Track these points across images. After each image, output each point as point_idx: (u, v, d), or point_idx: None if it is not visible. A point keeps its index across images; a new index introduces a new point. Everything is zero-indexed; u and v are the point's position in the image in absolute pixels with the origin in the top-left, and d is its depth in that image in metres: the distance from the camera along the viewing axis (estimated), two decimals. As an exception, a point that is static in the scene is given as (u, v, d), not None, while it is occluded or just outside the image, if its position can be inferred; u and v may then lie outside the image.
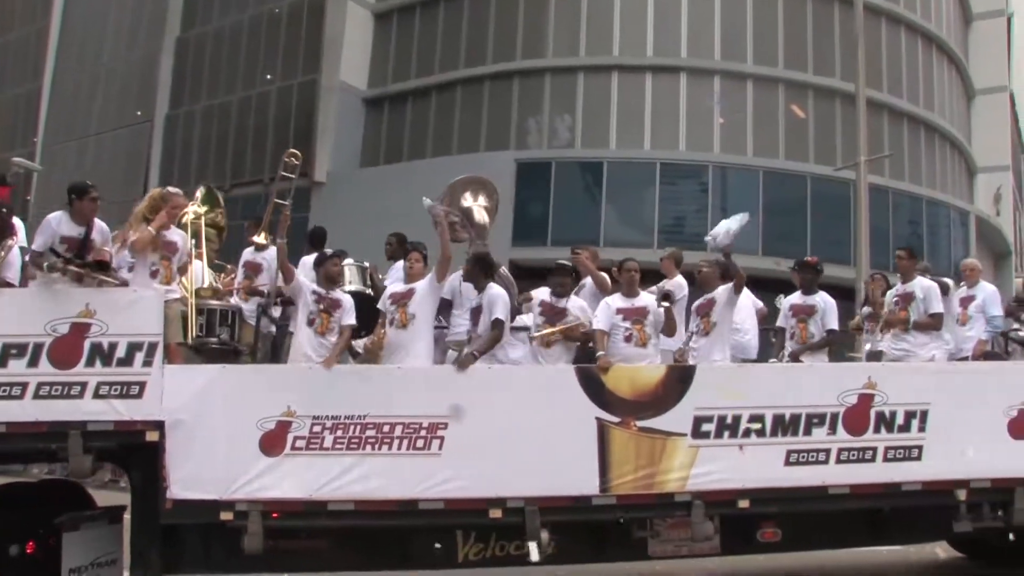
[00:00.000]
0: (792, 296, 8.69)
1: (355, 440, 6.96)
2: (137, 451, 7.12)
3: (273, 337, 8.65)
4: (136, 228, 7.45)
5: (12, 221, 7.95)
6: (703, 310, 8.35)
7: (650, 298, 7.96)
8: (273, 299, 8.33)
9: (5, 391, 6.77)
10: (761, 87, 30.60)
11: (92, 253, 7.04)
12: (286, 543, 7.30)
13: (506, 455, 7.10)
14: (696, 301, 8.52)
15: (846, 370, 8.06)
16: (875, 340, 8.65)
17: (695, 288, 8.80)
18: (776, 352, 8.62)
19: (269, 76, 34.61)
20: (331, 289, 7.70)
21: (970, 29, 38.44)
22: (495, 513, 7.03)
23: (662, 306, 7.95)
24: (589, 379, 7.30)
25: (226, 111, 35.41)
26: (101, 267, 6.91)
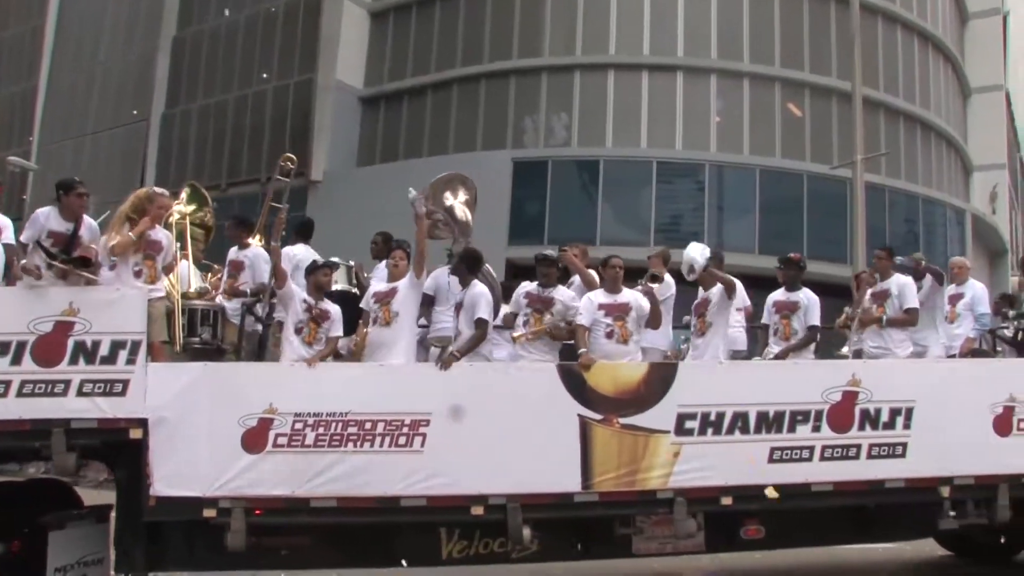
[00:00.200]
0: (775, 293, 8.67)
1: (337, 437, 6.97)
2: (122, 449, 7.14)
3: (259, 336, 8.63)
4: (118, 229, 7.45)
5: None
6: (699, 310, 8.38)
7: (633, 294, 7.93)
8: (259, 297, 8.29)
9: (-11, 389, 6.76)
10: (757, 86, 30.53)
11: (79, 250, 7.06)
12: (270, 540, 7.31)
13: (488, 452, 7.12)
14: (695, 301, 8.55)
15: (831, 367, 8.05)
16: (861, 338, 8.63)
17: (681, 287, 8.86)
18: (760, 349, 8.60)
19: (265, 75, 34.58)
20: (320, 299, 7.69)
21: (966, 28, 38.44)
22: (477, 510, 7.05)
23: (649, 286, 7.95)
24: (571, 376, 7.31)
25: (222, 110, 35.36)
26: (84, 264, 6.92)
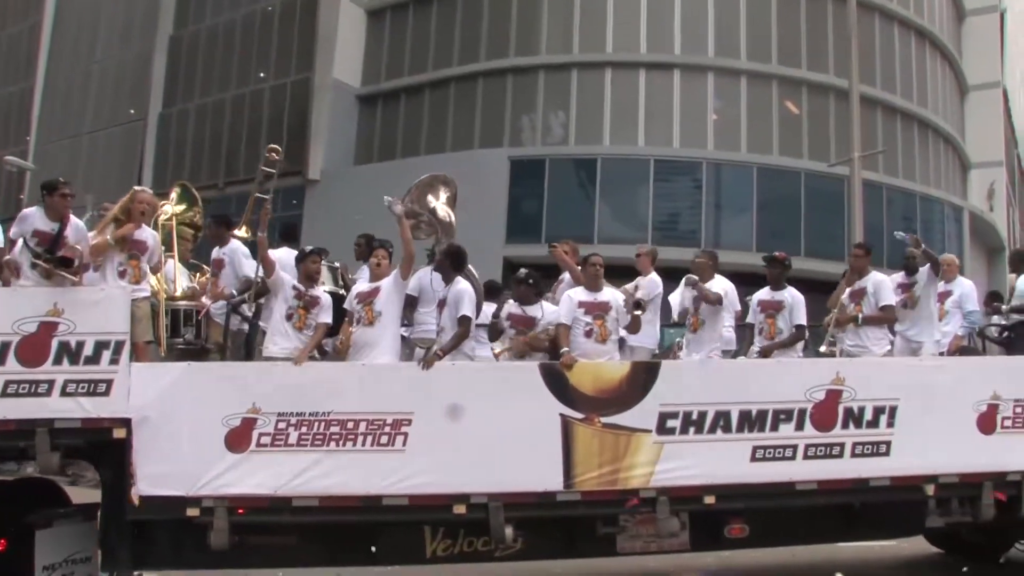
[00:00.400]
0: (760, 292, 8.68)
1: (319, 436, 7.01)
2: (107, 449, 7.17)
3: (246, 335, 8.65)
4: (102, 231, 7.50)
5: None
6: (695, 305, 8.45)
7: (613, 294, 7.95)
8: (245, 298, 8.31)
9: (-27, 390, 6.79)
10: (755, 83, 30.48)
11: (63, 250, 7.08)
12: (255, 539, 7.35)
13: (470, 451, 7.14)
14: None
15: (814, 366, 8.03)
16: (839, 337, 8.62)
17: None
18: (745, 348, 8.60)
19: (262, 74, 34.55)
20: (311, 286, 7.75)
21: (963, 25, 38.38)
22: (459, 509, 7.08)
23: (634, 314, 7.95)
24: (553, 376, 7.32)
25: (220, 109, 35.32)
26: (66, 264, 6.95)
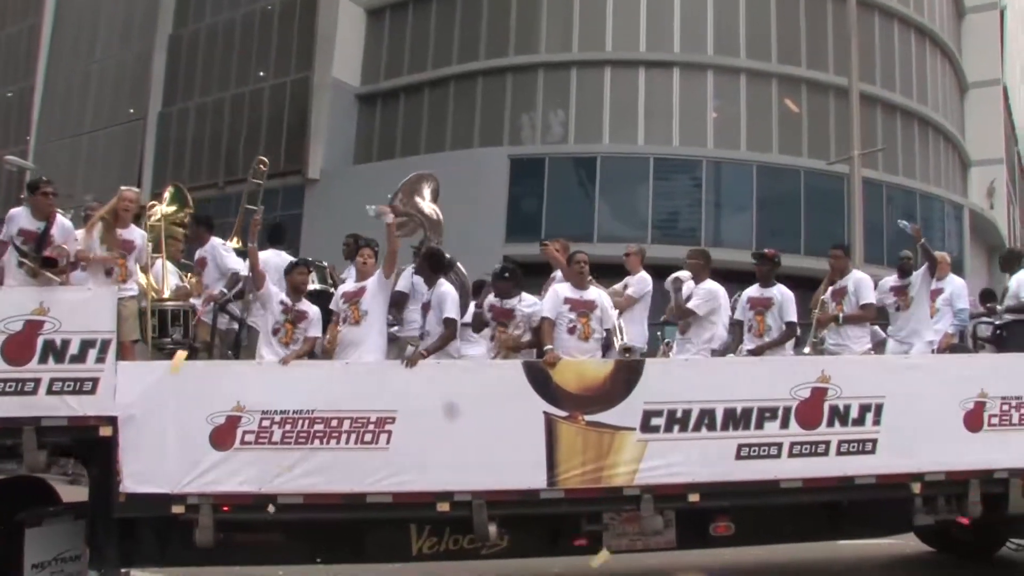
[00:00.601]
0: (750, 289, 8.62)
1: (304, 435, 7.03)
2: (94, 446, 7.21)
3: (236, 334, 8.67)
4: (90, 232, 7.55)
5: None
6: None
7: (599, 293, 7.95)
8: (230, 297, 8.34)
9: (-41, 389, 6.82)
10: (754, 82, 30.51)
11: (48, 249, 7.12)
12: (242, 536, 7.39)
13: (454, 449, 7.15)
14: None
15: (799, 364, 7.99)
16: (820, 337, 8.60)
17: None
18: (734, 346, 8.58)
19: (262, 73, 34.64)
20: (298, 300, 7.75)
21: (963, 22, 38.42)
22: (443, 507, 7.09)
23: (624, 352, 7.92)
24: (536, 374, 7.32)
25: (219, 108, 35.43)
26: (48, 263, 6.98)
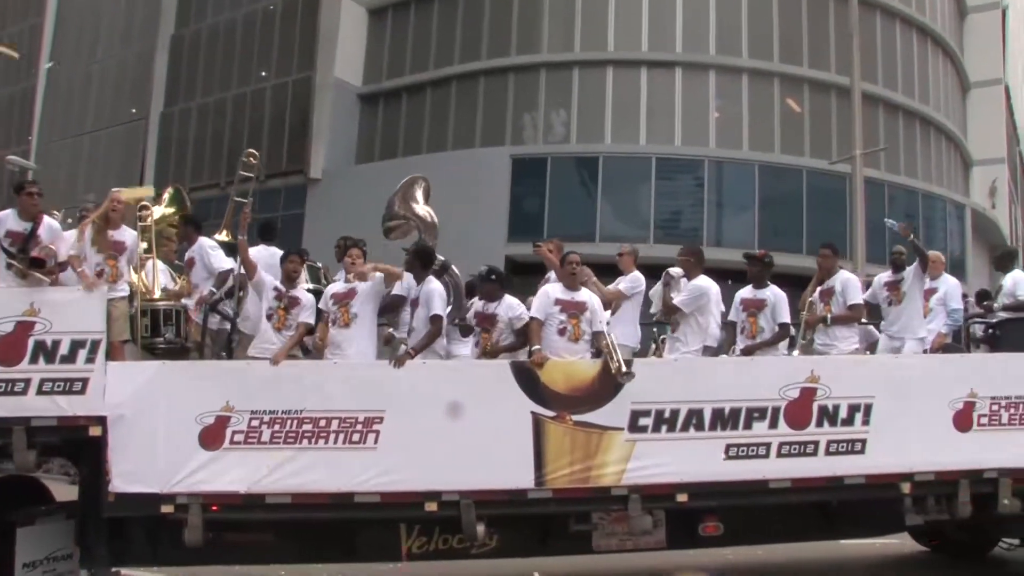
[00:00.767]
0: (743, 290, 8.62)
1: (292, 434, 7.06)
2: (84, 446, 7.24)
3: (228, 334, 8.69)
4: (80, 234, 7.59)
5: None
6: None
7: (590, 295, 7.94)
8: (221, 296, 8.38)
9: (-50, 390, 6.87)
10: (756, 81, 30.47)
11: (36, 250, 7.16)
12: (232, 536, 7.43)
13: (442, 449, 7.17)
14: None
15: (788, 364, 8.00)
16: (810, 338, 8.59)
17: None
18: (727, 347, 8.57)
19: (264, 73, 34.67)
20: (291, 287, 7.85)
21: (965, 22, 38.34)
22: (431, 506, 7.11)
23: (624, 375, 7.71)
24: (524, 374, 7.34)
25: (221, 108, 35.46)
26: (36, 264, 7.02)
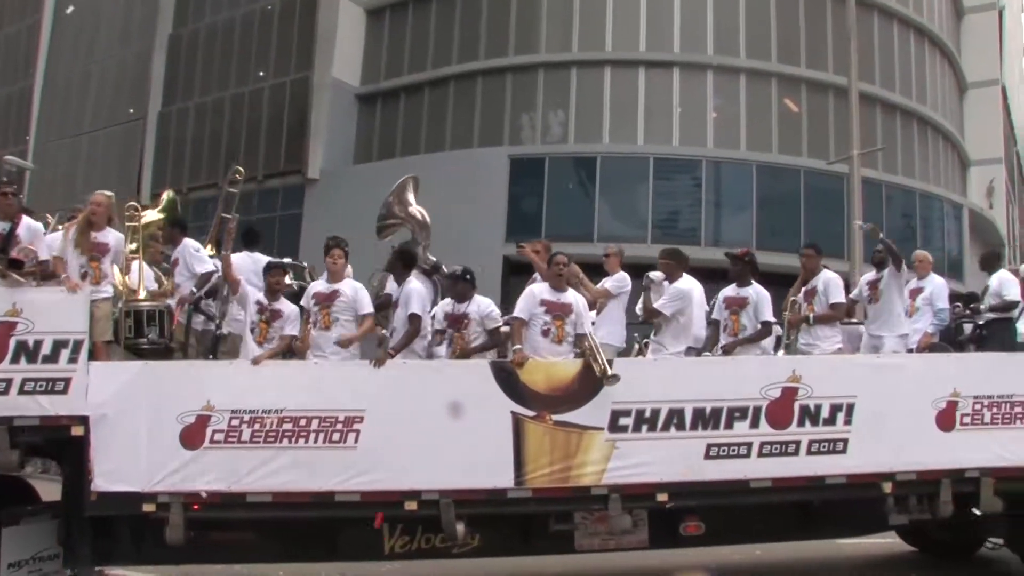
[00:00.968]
0: (726, 289, 8.63)
1: (272, 434, 7.09)
2: (67, 446, 7.28)
3: (213, 334, 8.71)
4: (66, 236, 7.63)
5: None
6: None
7: (576, 296, 7.93)
8: (203, 296, 8.41)
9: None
10: (754, 81, 30.47)
11: (15, 251, 7.19)
12: (215, 535, 7.47)
13: (422, 448, 7.20)
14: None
15: (769, 363, 8.01)
16: (794, 338, 8.60)
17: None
18: (710, 346, 8.58)
19: (262, 73, 34.65)
20: (274, 300, 7.85)
21: (962, 22, 38.30)
22: (411, 505, 7.14)
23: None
24: (504, 373, 7.36)
25: (219, 108, 35.43)
26: (14, 265, 7.05)
